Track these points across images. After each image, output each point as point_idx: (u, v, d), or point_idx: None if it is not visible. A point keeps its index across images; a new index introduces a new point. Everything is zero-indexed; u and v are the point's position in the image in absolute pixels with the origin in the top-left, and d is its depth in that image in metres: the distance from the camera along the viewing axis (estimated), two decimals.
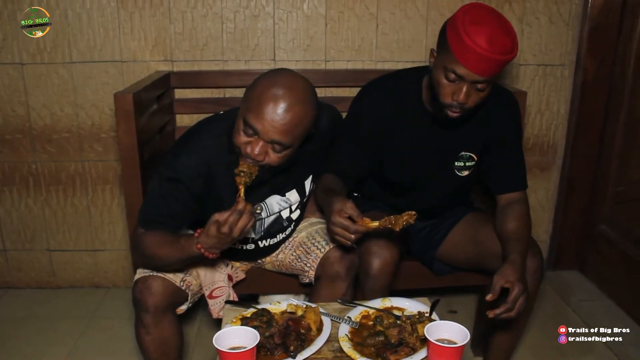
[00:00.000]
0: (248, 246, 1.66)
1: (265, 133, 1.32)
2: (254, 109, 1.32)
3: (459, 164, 1.65)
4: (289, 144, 1.35)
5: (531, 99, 2.33)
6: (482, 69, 1.36)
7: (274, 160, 1.37)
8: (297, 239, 1.70)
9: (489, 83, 1.41)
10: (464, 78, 1.38)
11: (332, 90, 2.27)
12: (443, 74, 1.41)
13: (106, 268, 2.43)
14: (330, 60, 2.24)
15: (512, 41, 1.37)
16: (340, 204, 1.38)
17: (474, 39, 1.33)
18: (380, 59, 2.25)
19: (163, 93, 2.08)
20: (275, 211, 1.62)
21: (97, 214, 2.35)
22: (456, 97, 1.41)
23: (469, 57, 1.35)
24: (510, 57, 1.37)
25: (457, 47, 1.36)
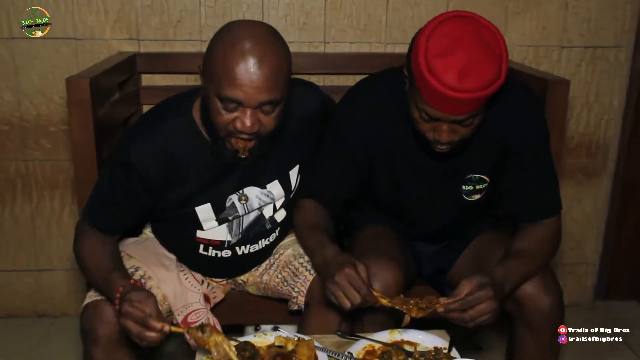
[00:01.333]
0: (224, 253, 1.67)
1: (250, 98, 1.36)
2: (226, 79, 1.35)
3: (467, 187, 1.64)
4: (279, 98, 1.39)
5: (576, 89, 2.34)
6: (459, 110, 1.34)
7: (270, 124, 1.41)
8: (283, 258, 1.72)
9: (480, 112, 1.38)
10: (439, 119, 1.37)
11: (332, 79, 2.30)
12: (416, 111, 1.40)
13: (53, 292, 2.43)
14: (330, 41, 2.26)
15: (496, 65, 1.31)
16: (350, 268, 1.36)
17: (440, 78, 1.29)
18: (391, 40, 2.28)
19: (127, 79, 2.09)
20: (254, 207, 1.63)
21: (43, 225, 2.37)
22: (437, 136, 1.40)
23: (440, 100, 1.32)
24: (495, 88, 1.31)
25: (422, 85, 1.33)
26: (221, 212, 1.60)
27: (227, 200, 1.60)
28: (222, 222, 1.62)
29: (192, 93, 1.58)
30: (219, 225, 1.62)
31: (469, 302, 1.36)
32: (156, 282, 1.62)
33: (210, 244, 1.66)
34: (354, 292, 1.34)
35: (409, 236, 1.81)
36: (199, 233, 1.64)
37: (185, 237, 1.65)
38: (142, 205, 1.55)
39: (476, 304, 1.36)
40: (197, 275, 1.71)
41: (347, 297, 1.35)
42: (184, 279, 1.66)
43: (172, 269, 1.66)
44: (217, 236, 1.64)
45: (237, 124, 1.39)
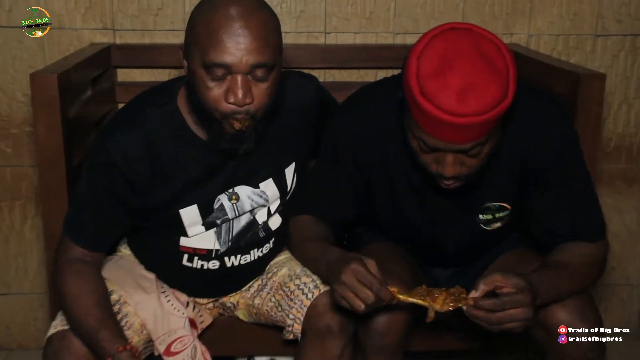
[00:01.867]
0: (211, 264, 1.68)
1: (240, 62, 1.38)
2: (210, 43, 1.38)
3: (485, 217, 1.63)
4: (271, 61, 1.41)
5: (613, 83, 2.32)
6: (462, 137, 1.31)
7: (264, 96, 1.43)
8: (277, 279, 1.72)
9: (489, 139, 1.36)
10: (440, 149, 1.35)
11: (334, 74, 2.29)
12: (415, 141, 1.39)
13: (10, 320, 2.41)
14: (331, 32, 2.26)
15: (501, 83, 1.29)
16: (357, 264, 1.37)
17: (436, 101, 1.27)
18: (401, 30, 2.27)
19: (101, 74, 2.08)
20: (246, 209, 1.64)
21: (1, 241, 2.35)
22: (441, 169, 1.39)
23: (437, 127, 1.30)
24: (501, 110, 1.30)
25: (417, 111, 1.32)
26: (208, 215, 1.61)
27: (216, 202, 1.61)
28: (210, 226, 1.63)
29: (174, 83, 1.61)
30: (206, 230, 1.63)
31: (503, 303, 1.35)
32: (133, 307, 1.61)
33: (195, 253, 1.66)
34: (365, 291, 1.35)
35: (418, 259, 1.80)
36: (182, 240, 1.64)
37: (168, 246, 1.66)
38: (130, 210, 1.56)
39: (509, 308, 1.35)
40: (181, 295, 1.71)
41: (358, 298, 1.35)
42: (165, 302, 1.66)
43: (152, 291, 1.65)
44: (204, 244, 1.65)
45: (229, 97, 1.40)
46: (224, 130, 1.45)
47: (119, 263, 1.70)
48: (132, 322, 1.60)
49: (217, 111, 1.43)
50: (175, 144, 1.54)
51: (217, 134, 1.47)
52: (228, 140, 1.46)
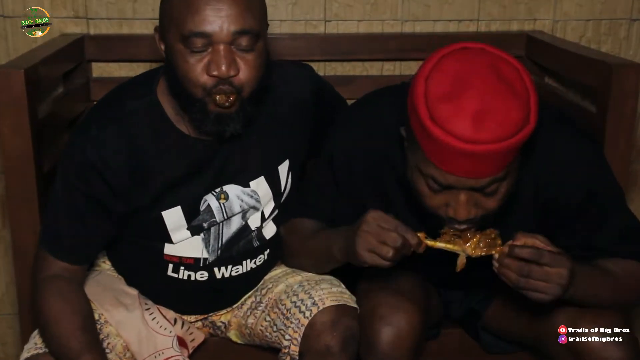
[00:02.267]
0: (199, 275, 1.68)
1: (220, 29, 1.40)
2: (188, 12, 1.41)
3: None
4: (256, 27, 1.44)
5: None
6: (478, 170, 1.29)
7: (251, 66, 1.45)
8: (273, 295, 1.72)
9: (507, 176, 1.34)
10: (454, 186, 1.33)
11: (335, 67, 2.28)
12: (422, 180, 1.37)
13: None
14: (332, 19, 2.25)
15: (522, 106, 1.26)
16: (376, 211, 1.42)
17: (448, 127, 1.25)
18: (410, 17, 2.26)
19: (73, 68, 2.07)
20: (235, 211, 1.65)
21: None
22: (453, 213, 1.37)
23: (450, 158, 1.28)
24: (524, 137, 1.27)
25: (426, 142, 1.29)
26: (194, 218, 1.62)
27: (202, 202, 1.62)
28: (196, 231, 1.64)
29: (153, 74, 1.62)
30: (192, 235, 1.64)
31: (541, 255, 1.35)
32: (114, 326, 1.62)
33: (182, 262, 1.67)
34: (390, 234, 1.38)
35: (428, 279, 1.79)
36: (167, 248, 1.65)
37: (151, 255, 1.67)
38: (112, 216, 1.58)
39: (546, 264, 1.35)
40: (168, 312, 1.71)
41: (385, 244, 1.38)
42: (150, 320, 1.66)
43: (134, 308, 1.66)
44: (191, 252, 1.66)
45: (211, 69, 1.42)
46: (207, 109, 1.46)
47: (98, 279, 1.70)
48: (114, 343, 1.60)
49: (199, 87, 1.44)
50: (156, 138, 1.55)
51: (200, 115, 1.47)
52: (212, 121, 1.47)
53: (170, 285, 1.69)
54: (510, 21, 2.27)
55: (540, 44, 2.15)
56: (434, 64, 1.30)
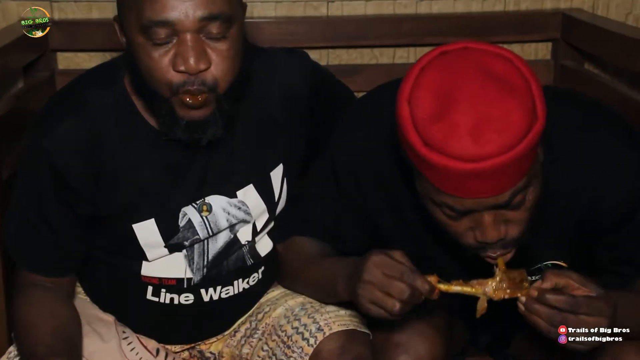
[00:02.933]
0: (183, 298, 1.66)
1: (186, 15, 1.38)
2: (148, 0, 1.38)
3: (534, 278, 1.57)
4: (227, 11, 1.41)
5: None
6: (494, 187, 1.28)
7: (225, 57, 1.42)
8: (270, 321, 1.71)
9: (530, 183, 1.34)
10: (475, 209, 1.33)
11: (340, 54, 2.29)
12: (438, 210, 1.38)
13: None
14: (335, 0, 2.26)
15: (523, 104, 1.25)
16: (380, 254, 1.39)
17: (447, 151, 1.24)
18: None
19: (36, 59, 2.08)
20: (222, 226, 1.64)
21: None
22: (481, 237, 1.37)
23: (459, 183, 1.28)
24: (533, 139, 1.25)
25: (428, 172, 1.30)
26: (172, 235, 1.61)
27: (181, 216, 1.60)
28: (175, 249, 1.62)
29: (120, 62, 1.59)
30: (171, 253, 1.62)
31: (577, 304, 1.33)
32: (87, 358, 1.60)
33: (162, 284, 1.66)
34: (396, 284, 1.36)
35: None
36: (144, 268, 1.64)
37: (127, 275, 1.66)
38: (81, 219, 1.56)
39: (583, 313, 1.33)
40: (149, 341, 1.70)
41: (390, 296, 1.36)
42: (128, 350, 1.66)
43: (110, 337, 1.65)
44: (172, 271, 1.65)
45: (177, 63, 1.39)
46: (176, 114, 1.44)
47: None
48: None
49: (165, 85, 1.42)
50: (123, 135, 1.54)
51: (169, 120, 1.45)
52: (183, 128, 1.45)
53: (151, 310, 1.68)
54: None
55: (578, 25, 2.15)
56: (413, 82, 1.29)
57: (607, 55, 1.99)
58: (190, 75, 1.39)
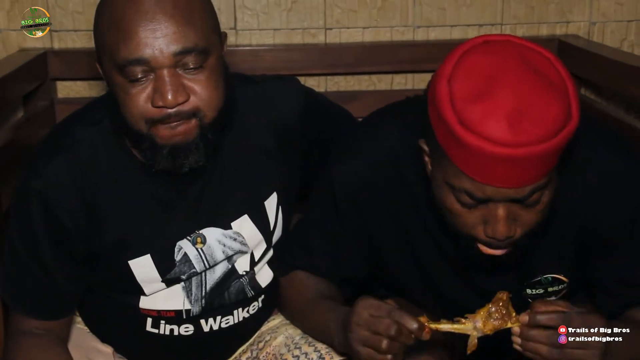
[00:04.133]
0: (183, 329, 1.65)
1: (160, 52, 1.37)
2: (120, 38, 1.38)
3: (535, 291, 1.63)
4: (202, 43, 1.40)
5: None
6: (518, 177, 1.29)
7: (205, 87, 1.41)
8: (271, 350, 1.70)
9: (548, 183, 1.34)
10: (492, 199, 1.33)
11: (338, 81, 2.29)
12: (452, 197, 1.37)
13: None
14: (333, 27, 2.26)
15: (561, 101, 1.27)
16: (367, 299, 1.40)
17: (481, 131, 1.24)
18: (423, 22, 2.28)
19: (35, 89, 2.08)
20: (218, 258, 1.62)
21: None
22: (491, 232, 1.37)
23: (486, 167, 1.28)
24: (568, 135, 1.26)
25: (456, 151, 1.30)
26: (169, 270, 1.59)
27: (176, 251, 1.59)
28: (172, 283, 1.61)
29: (110, 95, 1.57)
30: (168, 287, 1.61)
31: (571, 317, 1.34)
32: None
33: (161, 316, 1.64)
34: (383, 321, 1.35)
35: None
36: (143, 301, 1.63)
37: (126, 308, 1.64)
38: (76, 259, 1.54)
39: (576, 344, 1.34)
40: None
41: (379, 335, 1.35)
42: None
43: None
44: (170, 303, 1.64)
45: (155, 99, 1.39)
46: (157, 143, 1.43)
47: None
48: None
49: (145, 122, 1.41)
50: (113, 171, 1.53)
51: (151, 151, 1.44)
52: (166, 155, 1.44)
53: (151, 341, 1.67)
54: (539, 24, 2.28)
55: (574, 50, 2.15)
56: (455, 62, 1.29)
57: (603, 81, 2.00)
58: (169, 109, 1.39)
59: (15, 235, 1.55)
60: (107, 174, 1.52)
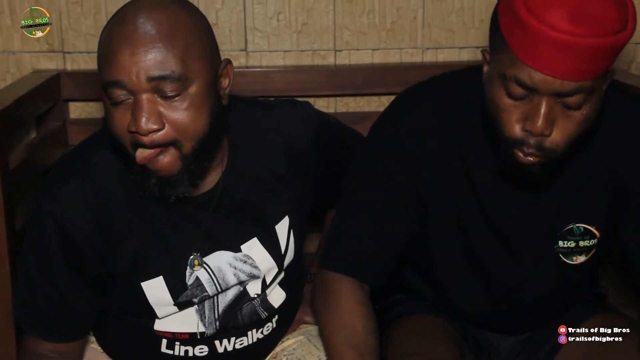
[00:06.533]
0: (197, 350, 1.65)
1: (136, 76, 1.36)
2: (105, 60, 1.39)
3: (566, 244, 1.64)
4: (178, 70, 1.38)
5: None
6: (568, 67, 1.34)
7: (182, 117, 1.39)
8: None
9: (592, 91, 1.39)
10: (538, 89, 1.37)
11: (348, 102, 2.30)
12: (502, 89, 1.42)
13: None
14: (343, 49, 2.27)
15: (618, 10, 1.34)
16: None
17: (546, 19, 1.32)
18: (432, 44, 2.28)
19: (48, 110, 2.08)
20: (230, 283, 1.61)
21: None
22: (530, 125, 1.40)
23: (542, 51, 1.33)
24: (620, 41, 1.34)
25: (517, 37, 1.36)
26: (181, 293, 1.59)
27: (188, 274, 1.58)
28: (185, 306, 1.60)
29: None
30: (180, 310, 1.60)
31: None
32: None
33: (176, 338, 1.64)
34: None
35: (476, 325, 1.80)
36: (157, 323, 1.62)
37: (140, 330, 1.64)
38: (91, 281, 1.55)
39: None
40: None
41: None
42: None
43: None
44: (184, 326, 1.63)
45: (130, 124, 1.38)
46: (146, 168, 1.42)
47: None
48: None
49: (128, 143, 1.41)
50: (127, 193, 1.52)
51: (141, 178, 1.44)
52: (153, 186, 1.43)
53: None
54: None
55: None
56: None
57: None
58: (144, 137, 1.38)
59: (30, 259, 1.54)
60: (120, 196, 1.52)
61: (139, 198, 1.51)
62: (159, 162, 1.40)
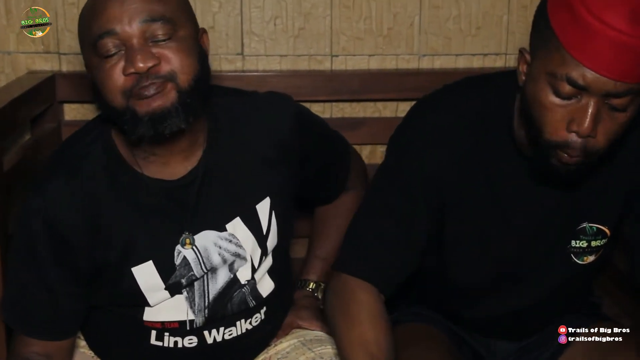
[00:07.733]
0: (187, 341, 1.65)
1: (129, 20, 1.43)
2: (93, 17, 1.45)
3: (578, 244, 1.66)
4: (168, 14, 1.45)
5: None
6: (624, 68, 1.34)
7: (175, 52, 1.45)
8: None
9: (638, 94, 1.40)
10: (589, 88, 1.37)
11: (344, 107, 2.29)
12: (549, 88, 1.41)
13: None
14: (339, 54, 2.27)
15: None
16: None
17: (604, 17, 1.32)
18: (428, 51, 2.28)
19: (43, 112, 2.08)
20: (215, 261, 1.62)
21: None
22: (576, 127, 1.40)
23: (598, 50, 1.33)
24: None
25: (573, 35, 1.35)
26: (171, 275, 1.59)
27: (176, 255, 1.60)
28: (175, 290, 1.61)
29: (96, 119, 1.65)
30: (172, 295, 1.61)
31: None
32: None
33: (165, 327, 1.64)
34: None
35: (478, 330, 1.79)
36: (147, 313, 1.63)
37: (129, 323, 1.65)
38: (79, 276, 1.56)
39: None
40: None
41: None
42: None
43: None
44: (174, 314, 1.64)
45: (126, 68, 1.43)
46: (137, 113, 1.45)
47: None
48: None
49: (121, 94, 1.45)
50: (113, 183, 1.56)
51: (132, 122, 1.46)
52: (147, 123, 1.45)
53: (155, 355, 1.67)
54: None
55: None
56: None
57: None
58: (141, 75, 1.42)
59: (18, 256, 1.57)
60: (106, 186, 1.56)
61: (123, 186, 1.56)
62: (154, 99, 1.44)
